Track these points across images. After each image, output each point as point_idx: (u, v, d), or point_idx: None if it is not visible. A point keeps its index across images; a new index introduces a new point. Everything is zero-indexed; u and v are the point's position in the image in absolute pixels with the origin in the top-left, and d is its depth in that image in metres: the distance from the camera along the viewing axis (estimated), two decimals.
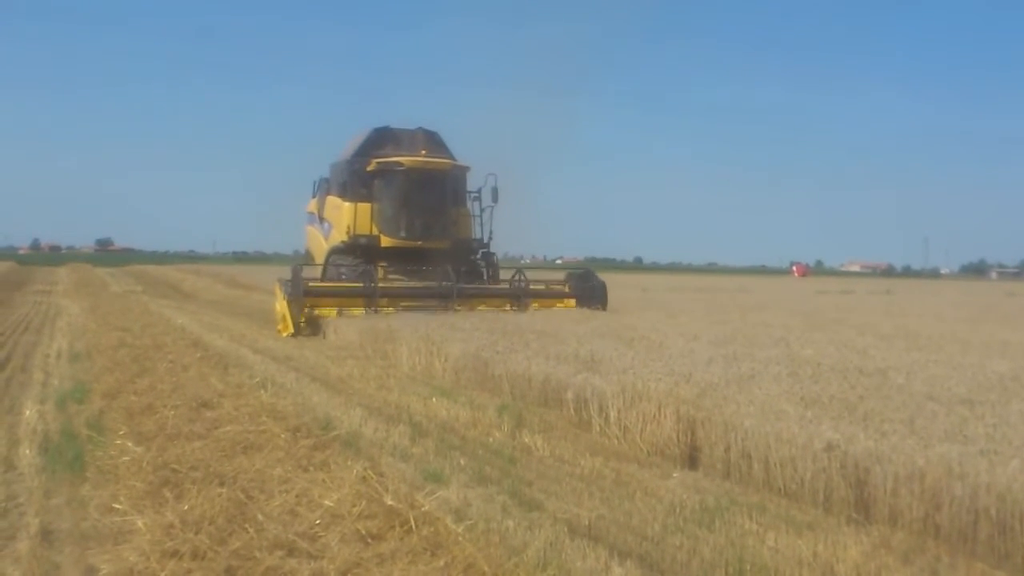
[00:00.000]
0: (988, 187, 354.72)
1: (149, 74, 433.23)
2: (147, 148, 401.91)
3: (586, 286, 20.52)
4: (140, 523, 5.04)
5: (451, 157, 21.38)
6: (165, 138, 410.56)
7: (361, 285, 18.04)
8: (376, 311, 17.27)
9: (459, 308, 17.96)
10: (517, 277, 20.14)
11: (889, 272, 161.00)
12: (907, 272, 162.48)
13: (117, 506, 5.46)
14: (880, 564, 4.89)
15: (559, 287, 20.84)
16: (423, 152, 20.73)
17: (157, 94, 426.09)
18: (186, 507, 5.26)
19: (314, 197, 23.41)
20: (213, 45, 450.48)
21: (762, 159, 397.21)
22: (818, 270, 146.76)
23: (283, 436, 7.25)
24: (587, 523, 5.55)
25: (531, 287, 20.01)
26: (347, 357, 13.69)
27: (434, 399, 9.76)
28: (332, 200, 21.57)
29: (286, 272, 18.45)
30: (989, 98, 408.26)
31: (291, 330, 17.08)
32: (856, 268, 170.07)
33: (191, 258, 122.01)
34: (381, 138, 21.29)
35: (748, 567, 4.88)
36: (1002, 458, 5.45)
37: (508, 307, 19.17)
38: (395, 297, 18.28)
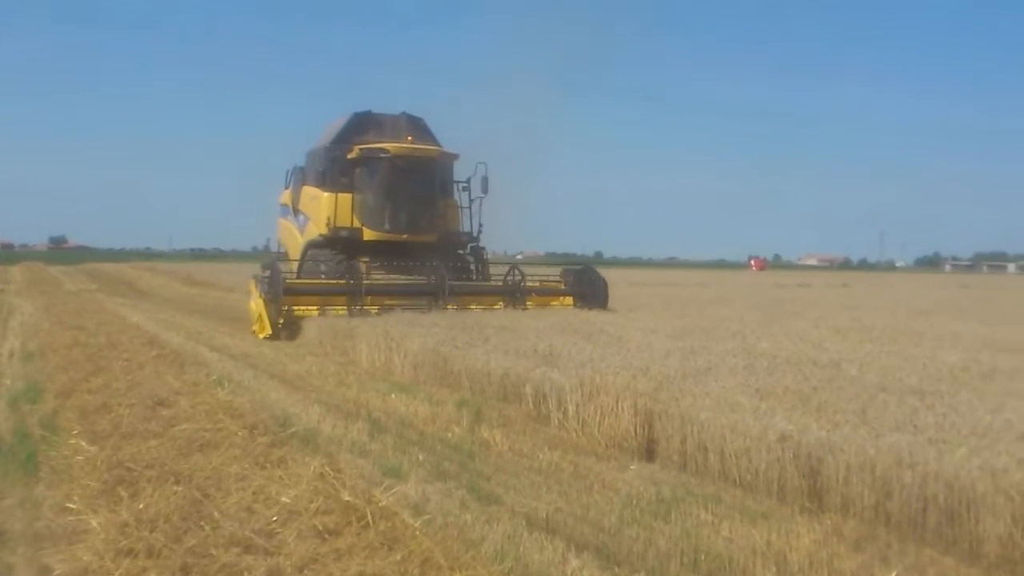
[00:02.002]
0: (943, 181, 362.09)
1: (102, 68, 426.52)
2: (101, 143, 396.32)
3: (585, 284, 19.09)
4: (94, 522, 4.99)
5: (437, 144, 20.12)
6: (120, 133, 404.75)
7: (346, 283, 16.62)
8: (361, 311, 15.87)
9: (452, 307, 16.78)
10: (511, 273, 18.72)
11: (846, 265, 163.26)
12: (863, 265, 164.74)
13: (71, 506, 5.40)
14: (832, 552, 4.99)
15: (555, 284, 19.63)
16: (408, 138, 19.48)
17: (111, 88, 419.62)
18: (141, 506, 5.22)
19: (287, 188, 21.80)
20: (170, 37, 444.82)
21: (721, 154, 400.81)
22: (776, 264, 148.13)
23: (240, 434, 7.20)
24: (545, 516, 5.60)
25: (527, 284, 18.62)
26: (306, 354, 13.63)
27: (393, 395, 9.77)
28: (309, 190, 20.21)
29: (262, 269, 17.18)
30: (946, 93, 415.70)
31: (268, 332, 15.91)
32: (813, 262, 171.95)
33: (147, 255, 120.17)
34: (362, 123, 19.89)
35: (703, 557, 4.96)
36: (950, 447, 5.58)
37: (501, 305, 17.86)
38: (383, 295, 16.89)
